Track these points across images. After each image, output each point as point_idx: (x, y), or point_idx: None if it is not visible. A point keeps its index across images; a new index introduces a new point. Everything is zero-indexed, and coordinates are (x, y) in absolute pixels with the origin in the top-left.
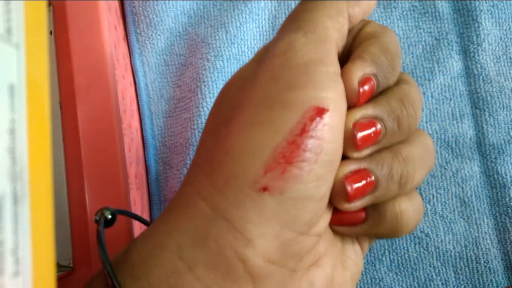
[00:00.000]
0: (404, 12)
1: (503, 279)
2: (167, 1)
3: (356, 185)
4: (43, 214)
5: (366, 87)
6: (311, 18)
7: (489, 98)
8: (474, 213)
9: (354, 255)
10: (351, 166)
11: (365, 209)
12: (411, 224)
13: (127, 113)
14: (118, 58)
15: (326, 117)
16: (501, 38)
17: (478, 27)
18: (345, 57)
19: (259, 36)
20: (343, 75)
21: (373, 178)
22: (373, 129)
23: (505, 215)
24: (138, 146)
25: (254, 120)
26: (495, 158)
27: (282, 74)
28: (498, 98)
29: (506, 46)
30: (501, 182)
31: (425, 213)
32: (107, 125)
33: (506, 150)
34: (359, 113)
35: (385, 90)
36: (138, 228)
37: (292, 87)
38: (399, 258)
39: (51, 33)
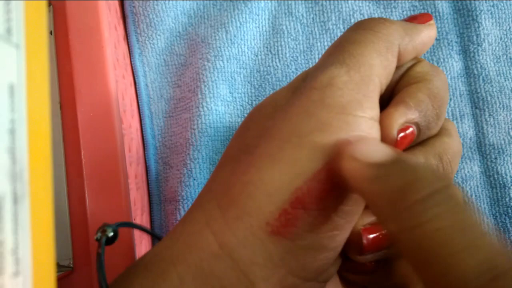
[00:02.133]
0: (404, 12)
1: None
2: (167, 1)
3: (373, 238)
4: (43, 214)
5: (405, 134)
6: (357, 52)
7: (489, 98)
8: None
9: None
10: (371, 218)
11: (376, 260)
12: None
13: (127, 113)
14: (118, 58)
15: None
16: (501, 38)
17: (478, 27)
18: (387, 95)
19: (259, 36)
20: (382, 119)
21: None
22: None
23: (505, 215)
24: (138, 146)
25: (278, 157)
26: (495, 158)
27: (315, 112)
28: (498, 98)
29: (506, 46)
30: (501, 182)
31: None
32: (107, 125)
33: (506, 150)
34: None
35: (425, 140)
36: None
37: (323, 129)
38: None
39: (51, 33)
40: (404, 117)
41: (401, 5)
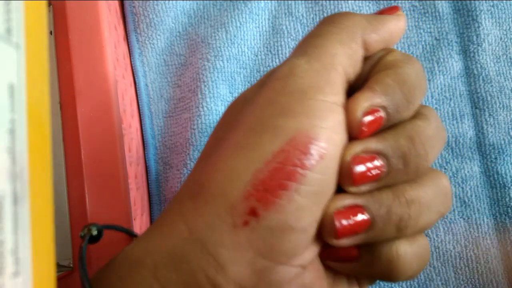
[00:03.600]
0: (404, 12)
1: (503, 279)
2: (167, 1)
3: (346, 222)
4: (43, 214)
5: (370, 118)
6: (319, 44)
7: (489, 98)
8: (474, 213)
9: None
10: (345, 201)
11: (358, 247)
12: (411, 270)
13: (127, 113)
14: (118, 58)
15: (315, 146)
16: (501, 38)
17: (478, 27)
18: (360, 86)
19: (259, 36)
20: (348, 104)
21: (367, 216)
22: (373, 164)
23: (505, 215)
24: (138, 146)
25: (242, 143)
26: (495, 158)
27: (277, 100)
28: (498, 98)
29: (506, 46)
30: (501, 182)
31: None
32: (107, 125)
33: (506, 150)
34: (360, 146)
35: (396, 124)
36: (138, 226)
37: (284, 114)
38: None
39: (51, 33)
40: (369, 101)
41: (401, 5)
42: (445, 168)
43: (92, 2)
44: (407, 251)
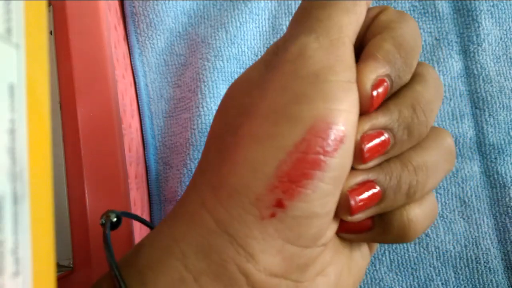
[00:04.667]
0: None
1: (503, 279)
2: (167, 1)
3: (360, 198)
4: (43, 214)
5: (380, 90)
6: (324, 16)
7: (489, 98)
8: (474, 213)
9: (360, 260)
10: (358, 178)
11: (370, 217)
12: (421, 229)
13: (127, 113)
14: (118, 58)
15: (334, 131)
16: (501, 38)
17: (478, 27)
18: (356, 47)
19: (259, 36)
20: (356, 79)
21: (378, 189)
22: (381, 139)
23: (505, 215)
24: (138, 146)
25: (259, 134)
26: (495, 158)
27: (290, 85)
28: (498, 98)
29: (506, 46)
30: (501, 182)
31: None
32: (107, 125)
33: (506, 150)
34: (368, 124)
35: (397, 92)
36: (138, 229)
37: (299, 101)
38: (399, 258)
39: (51, 33)
40: (375, 72)
41: (401, 5)
42: None
43: (92, 2)
44: (417, 214)
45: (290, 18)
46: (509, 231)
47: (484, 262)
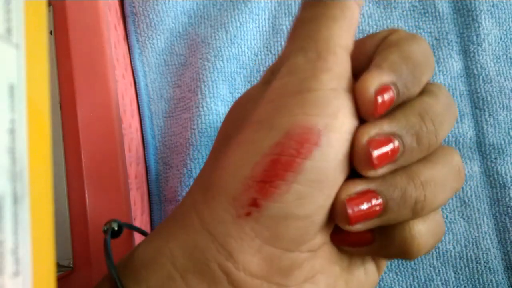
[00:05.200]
0: (404, 12)
1: (503, 279)
2: (167, 1)
3: (359, 208)
4: (43, 214)
5: (384, 97)
6: (313, 31)
7: (489, 98)
8: (474, 213)
9: (363, 276)
10: (357, 187)
11: (371, 230)
12: (426, 247)
13: (127, 113)
14: (118, 58)
15: (312, 135)
16: (501, 38)
17: (478, 27)
18: (365, 67)
19: (259, 36)
20: (356, 86)
21: (380, 201)
22: (390, 146)
23: (505, 215)
24: (138, 146)
25: (242, 141)
26: (495, 158)
27: (275, 97)
28: (498, 98)
29: (506, 46)
30: (501, 182)
31: None
32: (107, 125)
33: (506, 150)
34: (374, 129)
35: (404, 103)
36: (138, 226)
37: (280, 111)
38: None
39: (51, 33)
40: (378, 79)
41: (401, 5)
42: None
43: (92, 2)
44: (422, 230)
45: (290, 18)
46: (509, 231)
47: (484, 262)
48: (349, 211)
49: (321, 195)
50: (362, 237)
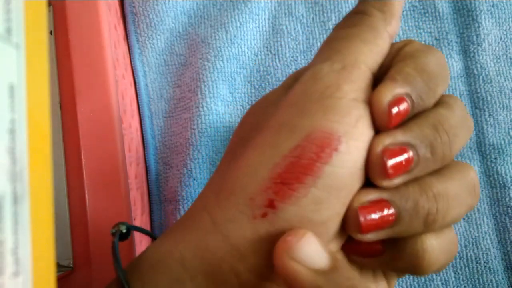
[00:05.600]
0: (404, 12)
1: (503, 279)
2: (167, 1)
3: (371, 217)
4: (43, 214)
5: (399, 108)
6: (342, 47)
7: (489, 98)
8: (474, 213)
9: None
10: (370, 196)
11: (382, 241)
12: (437, 264)
13: (127, 113)
14: (118, 58)
15: (331, 141)
16: (501, 38)
17: (478, 27)
18: (381, 78)
19: (259, 36)
20: (371, 97)
21: (393, 211)
22: (404, 156)
23: (505, 215)
24: (138, 146)
25: (261, 142)
26: (495, 158)
27: (297, 102)
28: (498, 98)
29: (506, 46)
30: (501, 182)
31: None
32: (107, 125)
33: (506, 150)
34: (388, 139)
35: (419, 114)
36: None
37: (302, 114)
38: None
39: (51, 33)
40: (391, 91)
41: None
42: None
43: (92, 2)
44: (434, 245)
45: (290, 18)
46: (509, 231)
47: (484, 262)
48: (361, 219)
49: (337, 202)
50: (372, 247)
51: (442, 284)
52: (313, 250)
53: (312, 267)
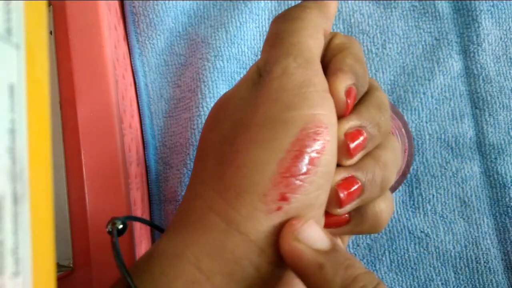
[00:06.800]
0: (404, 12)
1: (503, 279)
2: (167, 1)
3: (347, 192)
4: (43, 214)
5: (351, 97)
6: (296, 41)
7: (489, 98)
8: (474, 213)
9: None
10: (341, 174)
11: (349, 212)
12: (387, 220)
13: (127, 113)
14: (118, 58)
15: (322, 132)
16: (501, 38)
17: (478, 27)
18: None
19: (259, 36)
20: (330, 89)
21: (359, 183)
22: (362, 137)
23: (505, 215)
24: (138, 146)
25: (259, 138)
26: (495, 158)
27: (279, 97)
28: (498, 98)
29: (506, 46)
30: (501, 182)
31: (425, 213)
32: (107, 125)
33: (506, 150)
34: (348, 124)
35: (362, 98)
36: (138, 228)
37: (289, 108)
38: (399, 258)
39: (51, 33)
40: (345, 81)
41: (401, 5)
42: (445, 168)
43: (92, 2)
44: (384, 205)
45: None
46: (509, 231)
47: (484, 262)
48: (341, 195)
49: (328, 185)
50: (342, 218)
51: (442, 284)
52: (315, 233)
53: (315, 247)
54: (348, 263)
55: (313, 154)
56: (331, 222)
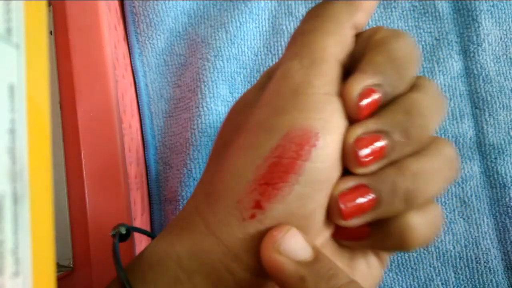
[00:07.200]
0: (404, 12)
1: (503, 279)
2: (167, 1)
3: (352, 203)
4: (43, 214)
5: (369, 99)
6: (307, 41)
7: (489, 98)
8: (474, 213)
9: (366, 269)
10: (348, 183)
11: (368, 224)
12: (422, 238)
13: (127, 113)
14: (118, 58)
15: (311, 138)
16: (501, 38)
17: (478, 27)
18: (353, 68)
19: (259, 36)
20: (342, 90)
21: (373, 195)
22: (377, 144)
23: (505, 215)
24: (138, 146)
25: (243, 144)
26: (495, 158)
27: (272, 101)
28: (498, 98)
29: (506, 46)
30: (501, 182)
31: None
32: (107, 125)
33: (506, 150)
34: (360, 128)
35: (393, 100)
36: (138, 226)
37: (277, 113)
38: (399, 258)
39: (51, 33)
40: (360, 83)
41: (401, 5)
42: None
43: (92, 2)
44: (417, 220)
45: (290, 18)
46: (509, 231)
47: (484, 262)
48: (342, 206)
49: (319, 195)
50: (359, 230)
51: (442, 284)
52: (296, 243)
53: (295, 259)
54: (331, 274)
55: (294, 161)
56: (346, 233)
